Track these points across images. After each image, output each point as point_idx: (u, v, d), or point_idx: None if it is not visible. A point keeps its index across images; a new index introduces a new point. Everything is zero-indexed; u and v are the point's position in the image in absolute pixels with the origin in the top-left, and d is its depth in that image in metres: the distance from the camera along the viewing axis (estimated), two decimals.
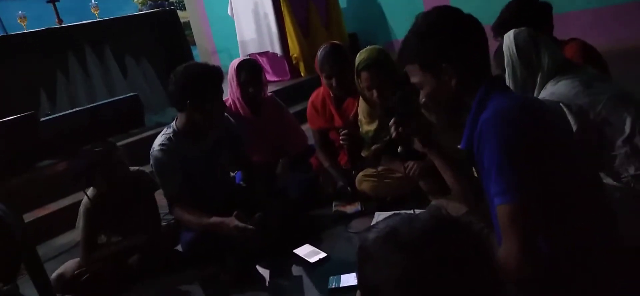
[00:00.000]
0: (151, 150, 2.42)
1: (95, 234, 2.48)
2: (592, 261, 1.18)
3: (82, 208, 2.47)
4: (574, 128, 1.65)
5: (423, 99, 1.39)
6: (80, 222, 2.47)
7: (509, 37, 1.84)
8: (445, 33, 1.30)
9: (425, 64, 1.34)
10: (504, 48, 1.84)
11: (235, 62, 3.02)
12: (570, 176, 1.22)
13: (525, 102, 1.28)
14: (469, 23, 1.32)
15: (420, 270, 0.74)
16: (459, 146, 1.35)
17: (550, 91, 1.76)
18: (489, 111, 1.23)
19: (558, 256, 1.18)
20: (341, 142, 2.80)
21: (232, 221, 2.15)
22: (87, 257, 2.42)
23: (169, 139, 2.42)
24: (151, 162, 2.42)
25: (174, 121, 2.48)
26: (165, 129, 2.48)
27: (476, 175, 1.36)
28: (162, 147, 2.39)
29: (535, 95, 1.84)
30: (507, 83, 1.91)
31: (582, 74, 1.77)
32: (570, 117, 1.66)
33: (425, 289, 0.74)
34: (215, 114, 2.41)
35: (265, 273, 2.31)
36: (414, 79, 1.38)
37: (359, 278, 0.82)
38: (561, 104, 1.67)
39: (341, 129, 2.81)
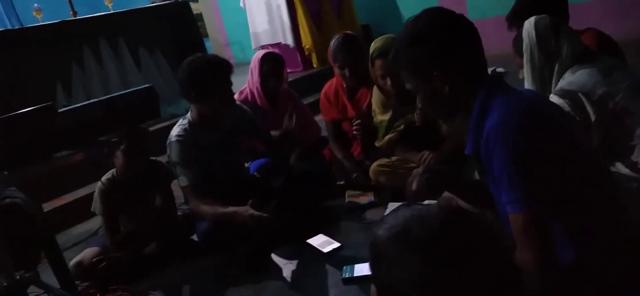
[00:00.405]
0: (168, 140, 2.45)
1: (116, 215, 2.52)
2: (610, 260, 1.17)
3: (97, 192, 2.50)
4: (593, 119, 1.63)
5: (419, 105, 1.38)
6: (97, 205, 2.51)
7: (529, 23, 1.82)
8: (434, 40, 1.27)
9: (416, 71, 1.32)
10: (524, 34, 1.83)
11: (259, 54, 3.06)
12: (584, 176, 1.20)
13: (530, 104, 1.24)
14: (461, 26, 1.29)
15: (434, 269, 0.74)
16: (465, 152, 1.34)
17: (569, 80, 1.75)
18: (494, 118, 1.20)
19: (581, 257, 1.16)
20: (354, 132, 2.80)
21: (247, 210, 2.16)
22: (113, 237, 2.47)
23: (184, 129, 2.44)
24: (168, 152, 2.45)
25: (189, 112, 2.50)
26: (180, 120, 2.51)
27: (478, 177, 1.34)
28: (179, 137, 2.41)
29: (552, 83, 1.83)
30: (524, 69, 1.90)
31: (600, 63, 1.76)
32: (588, 108, 1.64)
33: (441, 287, 0.74)
34: (221, 106, 2.42)
35: (278, 262, 2.33)
36: (408, 86, 1.37)
37: (373, 275, 0.82)
38: (580, 94, 1.66)
39: (354, 120, 2.81)
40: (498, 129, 1.18)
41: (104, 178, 2.51)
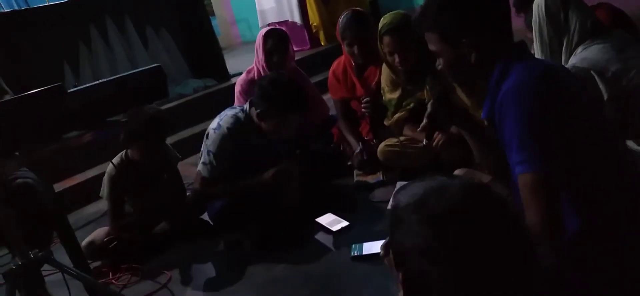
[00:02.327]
0: (216, 125, 2.43)
1: (122, 201, 2.54)
2: (619, 232, 1.17)
3: (106, 176, 2.53)
4: (605, 96, 1.61)
5: (439, 67, 1.36)
6: (105, 190, 2.53)
7: None
8: (467, 6, 1.26)
9: (444, 36, 1.30)
10: (534, 7, 1.81)
11: (263, 30, 3.03)
12: (596, 147, 1.20)
13: (547, 71, 1.24)
14: None
15: (445, 244, 0.75)
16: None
17: (581, 56, 1.73)
18: (510, 82, 1.21)
19: (586, 227, 1.16)
20: (363, 110, 2.78)
21: (269, 172, 2.27)
22: (115, 224, 2.49)
23: (239, 123, 2.42)
24: (210, 135, 2.43)
25: (247, 105, 2.47)
26: (235, 110, 2.48)
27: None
28: (230, 130, 2.39)
29: (563, 58, 1.81)
30: (534, 44, 1.88)
31: (614, 39, 1.73)
32: (601, 85, 1.62)
33: (451, 260, 0.75)
34: (284, 133, 2.44)
35: (287, 241, 2.34)
36: (432, 47, 1.35)
37: (389, 239, 0.85)
38: (592, 72, 1.64)
39: (363, 98, 2.80)
40: (513, 91, 1.18)
41: (114, 161, 2.52)
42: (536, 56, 1.90)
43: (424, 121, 1.53)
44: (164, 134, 2.53)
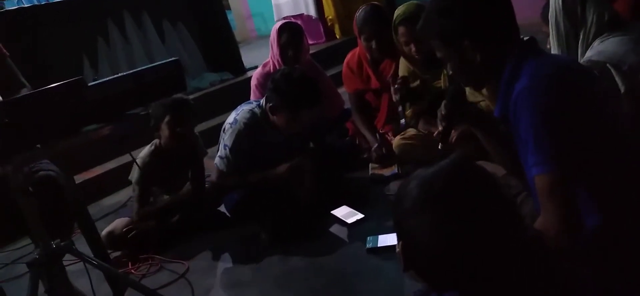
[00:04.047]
0: (233, 120, 2.45)
1: (150, 188, 2.59)
2: (635, 227, 1.16)
3: (138, 160, 2.55)
4: (622, 90, 1.59)
5: (450, 72, 1.37)
6: (134, 174, 2.57)
7: None
8: (465, 9, 1.25)
9: (447, 40, 1.30)
10: (550, 0, 1.79)
11: (277, 24, 3.05)
12: (613, 143, 1.19)
13: (561, 68, 1.23)
14: None
15: (439, 222, 0.85)
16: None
17: (598, 49, 1.71)
18: (524, 80, 1.20)
19: (604, 223, 1.15)
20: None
21: (284, 166, 2.29)
22: (141, 209, 2.54)
23: (255, 119, 2.44)
24: (227, 129, 2.46)
25: (263, 100, 2.49)
26: (251, 105, 2.50)
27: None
28: (246, 125, 2.42)
29: (579, 52, 1.79)
30: (550, 37, 1.86)
31: (632, 32, 1.70)
32: (618, 79, 1.60)
33: (443, 236, 0.85)
34: (299, 128, 2.44)
35: (303, 233, 2.36)
36: (439, 54, 1.35)
37: (394, 218, 0.94)
38: (608, 65, 1.62)
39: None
40: (527, 91, 1.17)
41: (147, 148, 2.59)
42: (552, 50, 1.89)
43: (439, 127, 1.51)
44: (188, 113, 2.54)
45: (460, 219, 0.84)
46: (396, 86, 2.63)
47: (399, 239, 0.93)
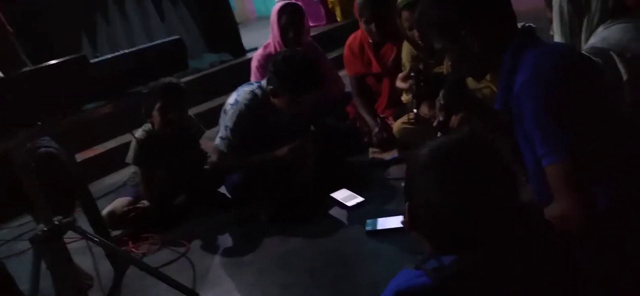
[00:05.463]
0: (234, 100, 2.45)
1: (152, 166, 2.58)
2: None
3: (134, 142, 2.55)
4: (625, 77, 1.59)
5: (450, 63, 1.37)
6: (131, 155, 2.57)
7: None
8: None
9: (443, 31, 1.30)
10: None
11: (277, 5, 3.02)
12: (615, 129, 1.19)
13: (562, 58, 1.23)
14: None
15: (439, 182, 0.91)
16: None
17: (601, 36, 1.70)
18: (525, 72, 1.19)
19: (614, 209, 1.16)
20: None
21: (284, 148, 2.31)
22: (148, 188, 2.55)
23: (256, 99, 2.43)
24: (228, 110, 2.46)
25: (264, 82, 2.48)
26: (252, 86, 2.49)
27: None
28: (247, 105, 2.41)
29: (583, 39, 1.78)
30: (553, 23, 1.85)
31: (636, 19, 1.70)
32: (621, 66, 1.60)
33: (443, 199, 0.90)
34: (298, 110, 2.44)
35: (303, 215, 2.37)
36: (437, 45, 1.35)
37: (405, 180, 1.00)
38: (612, 52, 1.62)
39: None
40: (530, 83, 1.17)
41: (141, 130, 2.58)
42: (555, 36, 1.88)
43: (438, 117, 1.50)
44: (178, 100, 2.54)
45: (463, 179, 0.89)
46: (412, 73, 2.61)
47: (406, 200, 0.98)
